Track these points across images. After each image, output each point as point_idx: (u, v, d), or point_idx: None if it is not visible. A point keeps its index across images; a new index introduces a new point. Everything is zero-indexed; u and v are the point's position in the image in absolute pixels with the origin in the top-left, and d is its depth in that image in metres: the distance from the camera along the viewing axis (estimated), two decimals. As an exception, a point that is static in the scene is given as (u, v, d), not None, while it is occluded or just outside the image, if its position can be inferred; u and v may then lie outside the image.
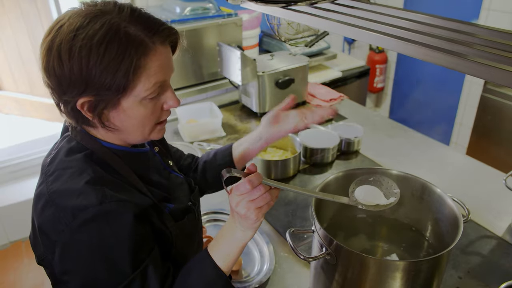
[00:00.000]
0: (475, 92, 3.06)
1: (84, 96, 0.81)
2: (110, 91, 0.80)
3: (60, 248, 0.81)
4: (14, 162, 2.95)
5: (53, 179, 0.85)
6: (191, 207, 1.05)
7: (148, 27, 0.82)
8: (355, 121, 2.12)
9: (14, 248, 2.84)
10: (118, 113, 0.85)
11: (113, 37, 0.78)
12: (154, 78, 0.84)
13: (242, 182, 0.84)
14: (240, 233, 0.89)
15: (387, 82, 4.00)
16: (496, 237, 1.39)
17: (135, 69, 0.80)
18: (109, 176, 0.86)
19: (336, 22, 0.85)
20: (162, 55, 0.85)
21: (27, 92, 3.38)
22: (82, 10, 0.82)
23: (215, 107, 2.13)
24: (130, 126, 0.88)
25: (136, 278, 0.81)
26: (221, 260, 0.89)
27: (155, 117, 0.90)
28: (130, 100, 0.84)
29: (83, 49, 0.77)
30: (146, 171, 0.98)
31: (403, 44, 0.72)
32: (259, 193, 0.85)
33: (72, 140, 0.91)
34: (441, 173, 1.75)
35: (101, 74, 0.79)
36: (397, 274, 0.90)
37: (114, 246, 0.80)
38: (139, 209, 0.84)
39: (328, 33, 1.92)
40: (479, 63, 0.61)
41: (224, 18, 2.33)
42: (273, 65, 2.16)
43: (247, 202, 0.84)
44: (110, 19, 0.79)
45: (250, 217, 0.85)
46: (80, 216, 0.79)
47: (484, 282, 1.22)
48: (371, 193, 1.01)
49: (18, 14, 3.03)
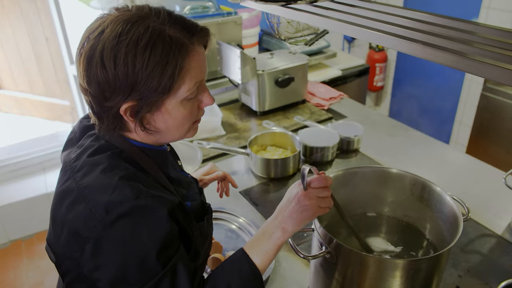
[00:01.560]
0: (475, 91, 3.06)
1: (128, 101, 0.82)
2: (156, 93, 0.81)
3: (92, 244, 0.79)
4: (13, 161, 2.95)
5: (82, 174, 0.84)
6: (209, 208, 1.07)
7: (187, 28, 0.84)
8: (355, 119, 2.12)
9: (14, 247, 2.85)
10: (159, 115, 0.86)
11: (157, 41, 0.79)
12: (195, 78, 0.86)
13: (323, 176, 0.92)
14: (279, 232, 0.92)
15: (387, 80, 4.00)
16: (496, 235, 1.39)
17: (180, 71, 0.82)
18: (140, 174, 0.87)
19: (336, 20, 0.85)
20: (200, 55, 0.87)
21: (26, 91, 3.38)
22: (118, 16, 0.82)
23: (214, 105, 2.13)
24: (170, 127, 0.89)
25: (166, 275, 0.81)
26: (258, 258, 0.91)
27: (194, 116, 0.92)
28: (173, 101, 0.85)
29: (128, 55, 0.78)
30: (167, 169, 0.99)
31: (403, 43, 0.72)
32: (329, 194, 0.93)
33: (100, 138, 0.91)
34: (441, 172, 1.75)
35: (148, 77, 0.79)
36: (397, 273, 0.91)
37: (147, 242, 0.80)
38: (171, 205, 0.85)
39: (328, 32, 1.92)
40: (479, 61, 0.61)
41: (223, 16, 2.33)
42: (272, 64, 2.15)
43: (316, 196, 0.91)
44: (152, 23, 0.81)
45: (309, 211, 0.91)
46: (114, 211, 0.78)
47: (484, 280, 1.22)
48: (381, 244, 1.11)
49: (17, 14, 3.03)
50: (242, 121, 2.16)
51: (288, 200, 0.94)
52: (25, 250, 2.82)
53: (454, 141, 3.44)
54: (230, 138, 2.00)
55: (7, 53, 3.21)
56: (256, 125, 2.12)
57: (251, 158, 1.73)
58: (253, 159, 1.72)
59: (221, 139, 2.00)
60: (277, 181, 1.71)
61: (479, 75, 0.62)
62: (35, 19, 3.02)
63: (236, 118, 2.20)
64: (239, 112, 2.26)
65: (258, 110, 2.19)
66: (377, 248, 1.12)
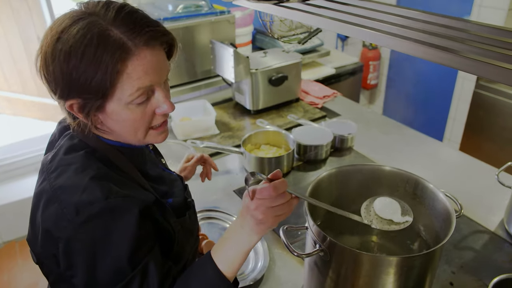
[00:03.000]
0: (467, 88, 3.08)
1: (70, 99, 0.81)
2: (91, 95, 0.80)
3: (63, 244, 0.80)
4: (6, 162, 2.93)
5: (56, 175, 0.84)
6: (191, 203, 1.06)
7: (131, 29, 0.79)
8: (348, 117, 2.13)
9: (8, 248, 2.83)
10: (105, 116, 0.85)
11: (91, 41, 0.76)
12: (137, 83, 0.80)
13: (267, 187, 0.81)
14: (246, 237, 0.86)
15: (381, 78, 4.01)
16: (489, 232, 1.40)
17: (112, 74, 0.78)
18: (113, 173, 0.86)
19: (328, 18, 0.85)
20: (146, 58, 0.80)
21: (19, 92, 3.36)
22: (73, 12, 0.81)
23: (208, 105, 2.13)
24: (120, 129, 0.87)
25: (137, 275, 0.81)
26: (224, 265, 0.86)
27: (146, 122, 0.87)
28: (114, 104, 0.82)
29: (62, 53, 0.77)
30: (145, 167, 0.98)
31: (396, 41, 0.72)
32: (282, 201, 0.83)
33: (74, 137, 0.91)
34: (434, 169, 1.75)
35: (80, 78, 0.78)
36: (391, 270, 0.91)
37: (118, 242, 0.80)
38: (144, 205, 0.84)
39: (321, 30, 1.92)
40: (471, 59, 0.62)
41: (217, 15, 2.33)
42: (266, 62, 2.15)
43: (267, 208, 0.82)
44: (92, 22, 0.78)
45: (265, 223, 0.83)
46: (84, 212, 0.78)
47: (477, 276, 1.23)
48: (390, 206, 1.01)
49: (9, 13, 3.00)
50: (236, 120, 2.16)
51: (242, 214, 0.87)
52: (19, 251, 2.80)
53: (448, 139, 3.46)
54: (224, 137, 2.00)
55: (-2, 53, 3.19)
56: (250, 124, 2.12)
57: (245, 157, 1.73)
58: (247, 158, 1.72)
59: (215, 138, 2.00)
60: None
61: (472, 73, 0.62)
62: (27, 19, 2.99)
63: (230, 117, 2.19)
64: (232, 111, 2.26)
65: (251, 109, 2.19)
66: (382, 215, 1.01)
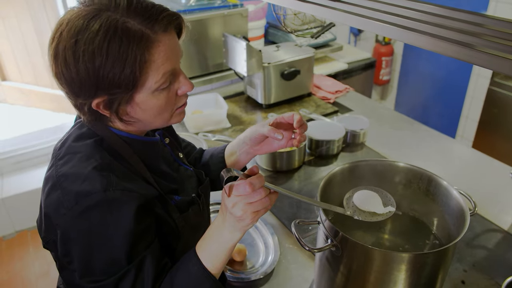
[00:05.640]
0: (482, 85, 3.04)
1: (98, 97, 0.82)
2: (121, 89, 0.80)
3: (60, 232, 0.82)
4: (19, 153, 2.97)
5: (63, 162, 0.86)
6: (195, 199, 1.05)
7: (148, 17, 0.80)
8: (360, 113, 2.11)
9: (20, 237, 2.87)
10: (133, 107, 0.86)
11: (113, 36, 0.77)
12: (162, 69, 0.82)
13: (242, 183, 0.81)
14: (228, 234, 0.86)
15: (393, 74, 3.97)
16: (502, 230, 1.39)
17: (140, 65, 0.79)
18: (117, 164, 0.86)
19: (343, 12, 0.84)
20: (166, 44, 0.83)
21: (32, 83, 3.39)
22: (80, 10, 0.80)
23: (220, 98, 2.13)
24: (148, 117, 0.89)
25: (132, 269, 0.81)
26: (208, 261, 0.86)
27: (172, 104, 0.90)
28: (143, 94, 0.84)
29: (86, 54, 0.77)
30: (155, 161, 0.98)
31: (411, 34, 0.71)
32: (259, 197, 0.82)
33: (84, 126, 0.92)
34: (447, 166, 1.74)
35: (108, 74, 0.78)
36: (403, 266, 0.90)
37: (114, 235, 0.80)
38: (144, 199, 0.84)
39: (334, 25, 1.91)
40: (488, 53, 0.61)
41: (229, 8, 2.32)
42: (278, 56, 2.14)
43: (244, 204, 0.81)
44: (108, 17, 0.78)
45: (245, 220, 0.83)
46: (82, 202, 0.79)
47: (489, 275, 1.22)
48: (370, 199, 1.02)
49: (23, 4, 3.03)
50: (248, 114, 2.16)
51: (222, 211, 0.86)
52: (31, 240, 2.84)
53: (460, 136, 3.42)
54: (236, 131, 2.00)
55: (13, 45, 3.22)
56: (262, 118, 2.12)
57: (256, 151, 1.73)
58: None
59: (226, 131, 2.00)
60: (283, 174, 1.71)
61: (487, 68, 0.61)
62: (41, 10, 3.02)
63: (242, 111, 2.19)
64: (244, 105, 2.25)
65: (263, 103, 2.18)
66: (364, 208, 1.01)
